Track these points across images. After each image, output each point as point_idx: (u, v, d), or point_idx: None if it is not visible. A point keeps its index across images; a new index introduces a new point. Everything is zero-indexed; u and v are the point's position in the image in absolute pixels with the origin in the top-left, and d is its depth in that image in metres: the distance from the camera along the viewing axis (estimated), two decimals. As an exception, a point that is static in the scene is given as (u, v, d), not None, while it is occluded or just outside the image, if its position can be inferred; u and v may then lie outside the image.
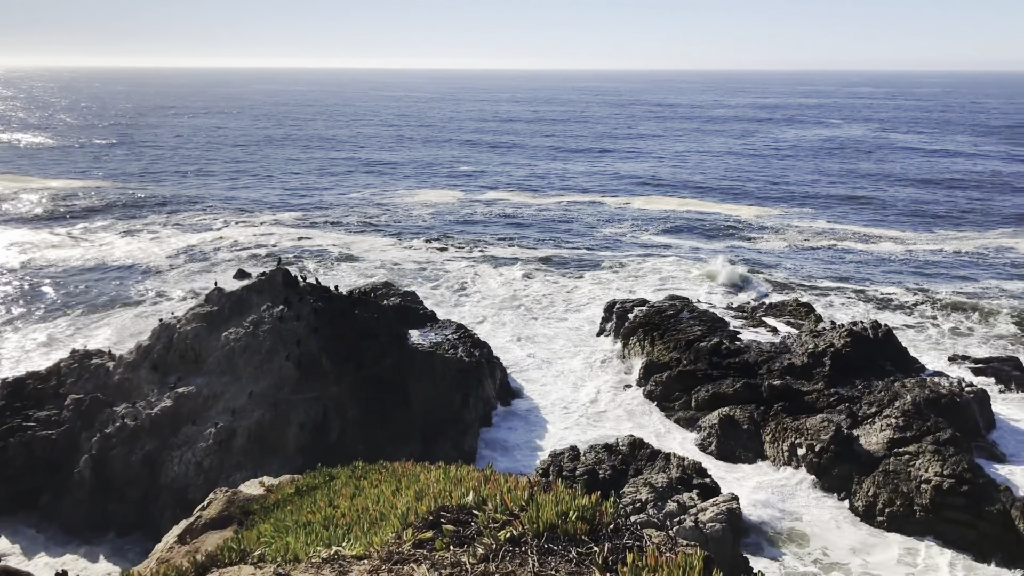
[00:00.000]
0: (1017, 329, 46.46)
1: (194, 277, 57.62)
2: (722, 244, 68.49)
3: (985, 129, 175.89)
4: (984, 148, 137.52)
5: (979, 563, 25.12)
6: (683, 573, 4.07)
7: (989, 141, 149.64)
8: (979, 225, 75.72)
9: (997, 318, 48.32)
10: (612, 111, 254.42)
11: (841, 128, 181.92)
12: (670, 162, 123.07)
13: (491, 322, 48.39)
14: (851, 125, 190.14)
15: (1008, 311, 49.56)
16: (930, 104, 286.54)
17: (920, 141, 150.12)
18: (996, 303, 51.36)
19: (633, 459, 29.15)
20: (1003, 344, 44.51)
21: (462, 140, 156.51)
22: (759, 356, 38.02)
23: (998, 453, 31.90)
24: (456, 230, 74.12)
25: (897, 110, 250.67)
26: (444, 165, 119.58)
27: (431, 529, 5.50)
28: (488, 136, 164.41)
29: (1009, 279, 57.27)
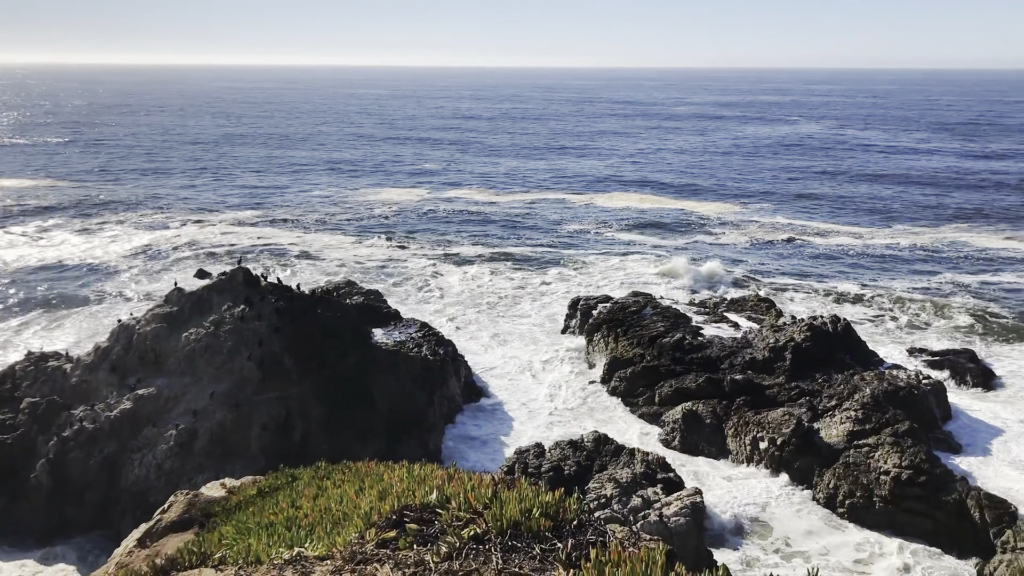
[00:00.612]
0: (972, 322, 47.40)
1: (153, 277, 56.81)
2: (684, 240, 69.03)
3: (940, 126, 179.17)
4: (939, 144, 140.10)
5: (936, 551, 25.59)
6: (646, 568, 4.09)
7: (944, 138, 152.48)
8: (934, 220, 77.13)
9: (952, 311, 49.28)
10: (574, 108, 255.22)
11: (800, 125, 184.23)
12: (632, 159, 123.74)
13: (455, 320, 48.31)
14: (810, 122, 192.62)
15: (963, 304, 50.58)
16: (887, 101, 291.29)
17: (877, 138, 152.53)
18: (951, 296, 52.41)
19: (598, 455, 29.27)
20: (958, 336, 45.37)
21: (424, 138, 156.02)
22: (721, 351, 38.39)
23: (954, 444, 32.54)
24: (419, 228, 73.89)
25: (855, 107, 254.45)
26: (406, 163, 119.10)
27: (394, 528, 5.47)
28: (451, 134, 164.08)
29: (963, 272, 58.41)
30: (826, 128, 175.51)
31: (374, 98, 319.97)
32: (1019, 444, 32.55)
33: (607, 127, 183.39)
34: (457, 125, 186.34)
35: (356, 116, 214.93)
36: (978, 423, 34.44)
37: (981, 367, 39.90)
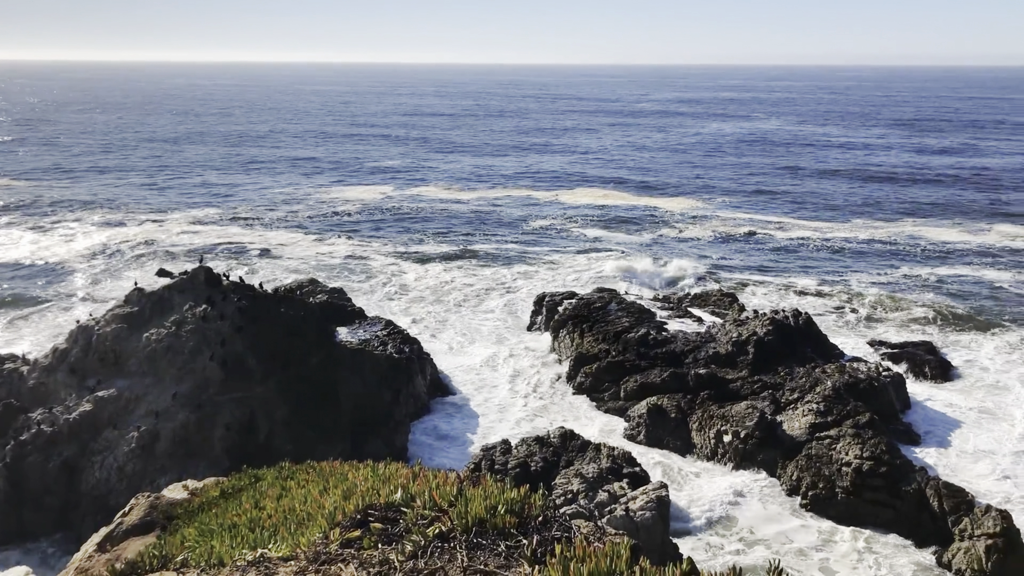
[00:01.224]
0: (929, 314, 48.22)
1: (112, 277, 55.92)
2: (648, 236, 69.43)
3: (897, 122, 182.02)
4: (896, 140, 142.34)
5: (896, 539, 26.02)
6: (610, 562, 4.10)
7: (901, 133, 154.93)
8: (892, 215, 78.37)
9: (910, 304, 50.11)
10: (538, 105, 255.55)
11: (761, 121, 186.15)
12: (597, 156, 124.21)
13: (421, 318, 48.14)
14: (771, 119, 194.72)
15: (920, 297, 51.49)
16: (845, 98, 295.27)
17: (836, 134, 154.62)
18: (909, 289, 53.32)
19: (564, 450, 29.36)
20: (916, 329, 46.14)
21: (387, 135, 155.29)
22: (685, 346, 38.68)
23: (914, 435, 33.12)
24: (384, 225, 73.53)
25: (815, 103, 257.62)
26: (370, 160, 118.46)
27: (359, 528, 5.43)
28: (414, 131, 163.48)
29: (921, 266, 59.43)
30: (786, 124, 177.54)
31: (336, 95, 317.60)
32: (976, 434, 33.22)
33: (571, 124, 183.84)
34: (420, 122, 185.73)
35: (318, 113, 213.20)
36: (937, 413, 35.09)
37: (939, 358, 40.66)
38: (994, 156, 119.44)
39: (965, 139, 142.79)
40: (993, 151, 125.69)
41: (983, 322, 47.00)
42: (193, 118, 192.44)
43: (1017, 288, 53.71)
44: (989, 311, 49.02)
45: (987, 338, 44.22)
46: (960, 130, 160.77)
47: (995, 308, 49.68)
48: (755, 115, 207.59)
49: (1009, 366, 40.26)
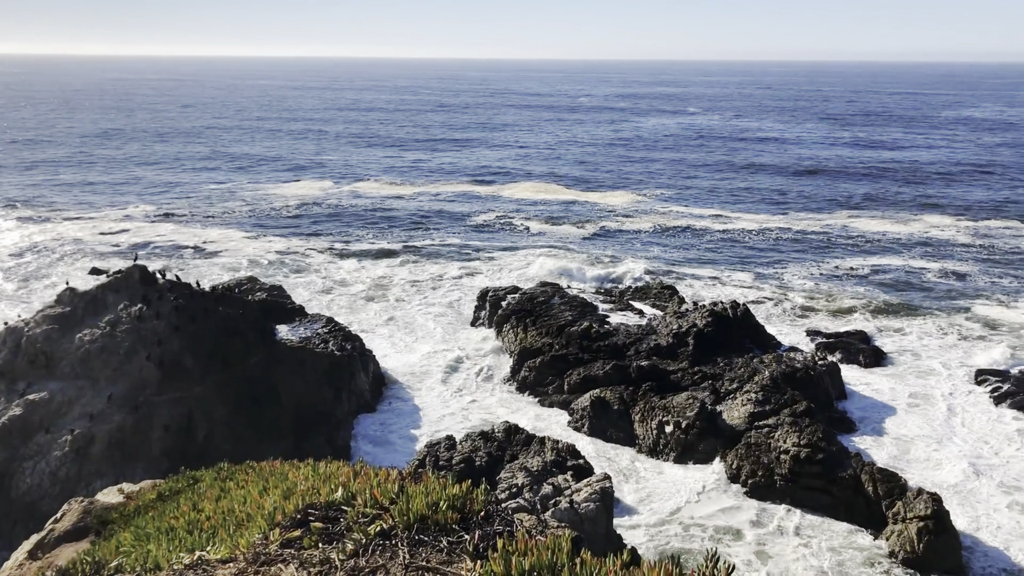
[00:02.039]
0: (863, 303, 49.48)
1: (42, 277, 54.26)
2: (590, 230, 69.86)
3: (830, 117, 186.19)
4: (829, 134, 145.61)
5: (833, 523, 26.66)
6: (552, 555, 4.12)
7: (834, 128, 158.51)
8: (826, 207, 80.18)
9: (844, 294, 51.37)
10: (478, 100, 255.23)
11: (697, 117, 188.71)
12: (537, 151, 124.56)
13: (363, 315, 47.76)
14: (707, 114, 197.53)
15: (854, 287, 52.82)
16: (779, 93, 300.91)
17: (772, 128, 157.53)
18: (843, 280, 54.67)
19: (509, 445, 29.43)
20: (850, 318, 47.28)
21: (326, 130, 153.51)
22: (627, 338, 39.07)
23: (849, 422, 33.98)
24: (324, 222, 72.72)
25: (750, 99, 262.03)
26: (308, 156, 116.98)
27: (299, 528, 5.36)
28: (353, 127, 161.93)
29: (854, 256, 60.94)
30: (722, 119, 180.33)
31: (272, 90, 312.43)
32: (908, 420, 34.21)
33: (511, 119, 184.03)
34: (359, 117, 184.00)
35: (254, 108, 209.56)
36: (870, 401, 36.04)
37: (871, 347, 41.79)
38: (922, 150, 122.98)
39: (896, 133, 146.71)
40: (921, 145, 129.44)
41: (913, 310, 48.40)
42: (125, 113, 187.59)
43: (944, 276, 55.44)
44: (918, 299, 50.52)
45: (917, 325, 45.54)
46: (890, 124, 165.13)
47: (923, 296, 51.22)
48: (691, 110, 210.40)
49: (938, 352, 41.53)
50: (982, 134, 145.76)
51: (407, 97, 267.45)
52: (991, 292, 51.98)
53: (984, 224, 72.24)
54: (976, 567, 24.34)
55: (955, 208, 79.32)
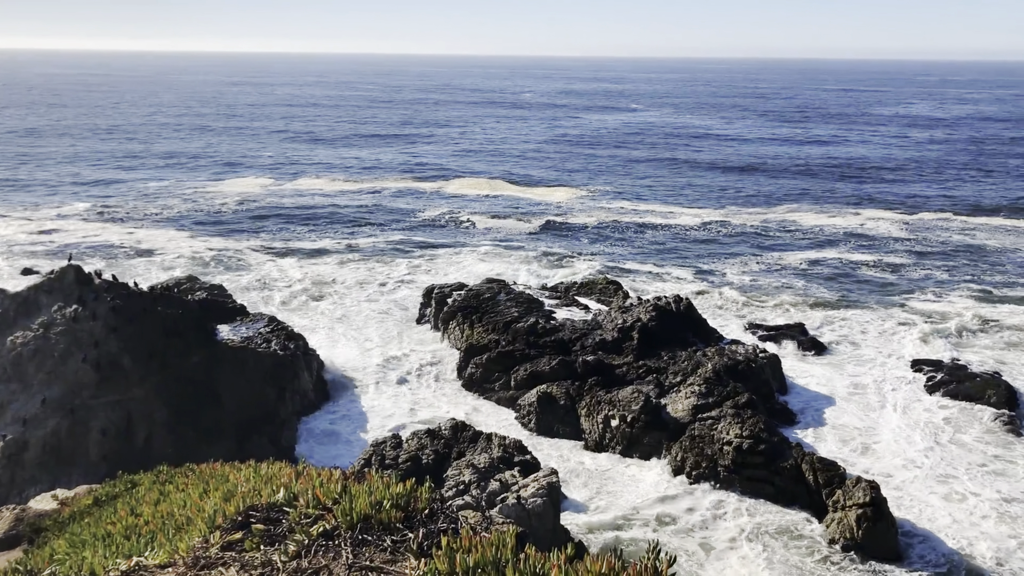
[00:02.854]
0: (801, 296, 50.50)
1: (-29, 278, 52.48)
2: (535, 225, 70.00)
3: (768, 113, 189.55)
4: (767, 131, 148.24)
5: (775, 513, 27.16)
6: (496, 551, 4.12)
7: (773, 124, 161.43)
8: (766, 202, 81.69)
9: (783, 288, 52.37)
10: (420, 96, 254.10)
11: (640, 113, 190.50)
12: (481, 147, 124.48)
13: (306, 313, 47.21)
14: (649, 110, 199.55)
15: (793, 280, 53.88)
16: (718, 90, 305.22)
17: (712, 125, 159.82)
18: (783, 273, 55.72)
19: (456, 442, 29.37)
20: (790, 310, 48.17)
21: (266, 127, 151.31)
22: (573, 334, 39.27)
23: (789, 412, 34.65)
24: (265, 220, 71.64)
25: (691, 95, 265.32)
26: (248, 152, 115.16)
27: (240, 530, 5.26)
28: (295, 123, 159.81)
29: (792, 250, 62.16)
30: (663, 116, 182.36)
31: (210, 85, 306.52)
32: (847, 410, 35.03)
33: (454, 115, 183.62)
34: (301, 113, 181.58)
35: (192, 104, 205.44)
36: (810, 392, 36.81)
37: (810, 339, 42.67)
38: (857, 145, 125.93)
39: (834, 130, 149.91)
40: (856, 141, 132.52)
41: (850, 302, 49.54)
42: (55, 109, 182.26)
43: (879, 269, 56.88)
44: (855, 291, 51.75)
45: (854, 317, 46.61)
46: (827, 121, 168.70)
47: (860, 288, 52.49)
48: (634, 106, 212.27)
49: (875, 342, 42.57)
50: (913, 130, 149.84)
51: (348, 93, 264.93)
52: (925, 284, 53.48)
53: (917, 217, 74.31)
54: (913, 552, 25.03)
55: (889, 202, 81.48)
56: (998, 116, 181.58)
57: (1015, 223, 72.65)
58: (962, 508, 27.39)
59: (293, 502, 5.43)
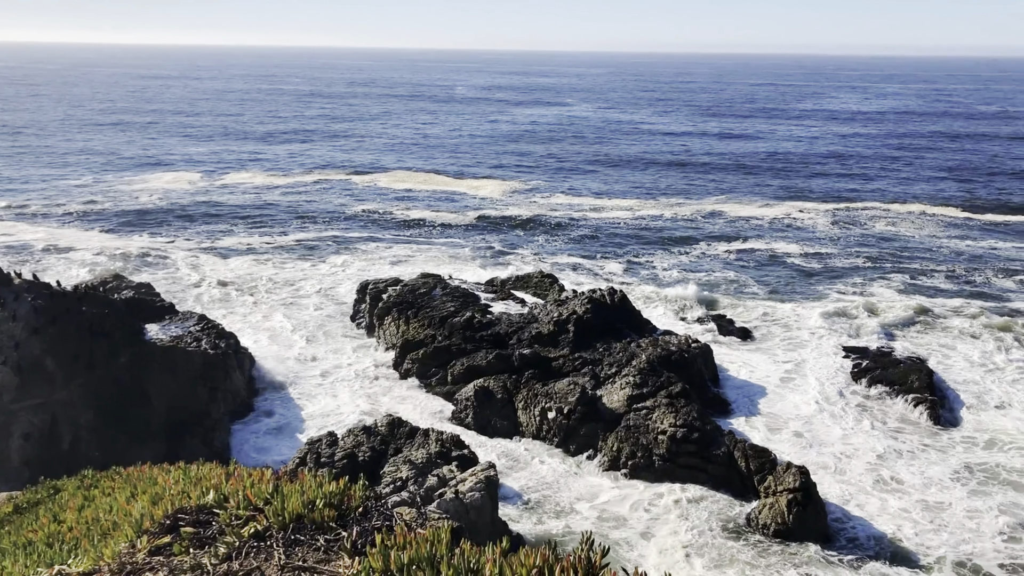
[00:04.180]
0: (733, 287, 51.46)
1: None
2: (470, 218, 69.92)
3: (696, 107, 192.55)
4: (696, 125, 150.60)
5: (709, 500, 27.67)
6: (431, 547, 4.09)
7: (701, 119, 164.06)
8: (695, 195, 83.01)
9: (714, 277, 53.32)
10: (352, 89, 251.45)
11: (573, 107, 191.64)
12: (414, 140, 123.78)
13: (238, 311, 46.36)
14: (582, 104, 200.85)
15: (723, 271, 54.87)
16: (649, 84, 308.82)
17: (643, 120, 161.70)
18: (712, 263, 56.74)
19: (392, 438, 29.19)
20: (721, 302, 49.02)
21: (194, 121, 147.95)
22: (509, 327, 39.35)
23: (722, 400, 35.33)
24: (193, 216, 70.06)
25: (621, 90, 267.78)
26: (176, 147, 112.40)
27: (169, 534, 5.14)
28: (223, 118, 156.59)
29: (721, 241, 63.32)
30: (595, 109, 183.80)
31: (132, 78, 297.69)
32: (777, 398, 35.85)
33: (387, 108, 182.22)
34: (228, 108, 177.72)
35: (115, 98, 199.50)
36: (742, 380, 37.57)
37: (741, 328, 43.60)
38: (787, 139, 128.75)
39: (758, 124, 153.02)
40: (786, 134, 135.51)
41: (779, 291, 50.72)
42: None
43: (807, 258, 58.32)
44: (784, 281, 52.97)
45: (783, 305, 47.70)
46: (752, 116, 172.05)
47: (789, 277, 53.75)
48: (566, 101, 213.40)
49: (803, 331, 43.60)
50: (838, 124, 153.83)
51: (278, 87, 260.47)
52: (851, 273, 55.01)
53: (843, 208, 76.37)
54: (842, 536, 25.74)
55: (816, 194, 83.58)
56: (919, 110, 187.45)
57: (936, 211, 75.28)
58: (888, 493, 28.27)
59: (223, 504, 5.32)
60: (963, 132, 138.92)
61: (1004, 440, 31.98)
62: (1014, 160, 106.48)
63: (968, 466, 30.03)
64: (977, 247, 62.25)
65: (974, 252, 60.70)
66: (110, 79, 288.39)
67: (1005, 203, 78.94)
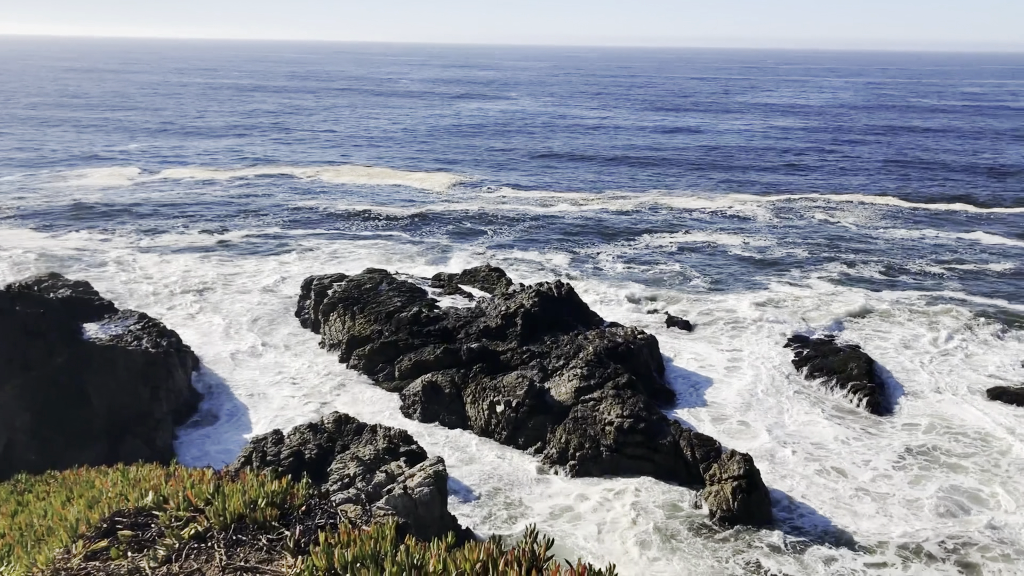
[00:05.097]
0: (677, 279, 52.03)
1: None
2: (415, 212, 69.53)
3: (639, 101, 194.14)
4: (640, 119, 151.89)
5: (657, 489, 27.99)
6: (375, 544, 4.06)
7: (644, 112, 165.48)
8: (639, 188, 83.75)
9: (658, 267, 53.86)
10: (292, 83, 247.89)
11: (520, 101, 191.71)
12: (359, 135, 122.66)
13: (180, 309, 45.47)
14: (526, 98, 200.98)
15: (667, 263, 55.46)
16: (593, 78, 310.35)
17: (587, 114, 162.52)
18: (656, 256, 57.30)
19: (340, 435, 28.93)
20: (667, 294, 49.56)
21: (131, 115, 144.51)
22: (457, 322, 39.28)
23: (668, 391, 35.73)
24: (132, 212, 68.45)
25: (566, 84, 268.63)
26: (113, 142, 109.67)
27: (106, 538, 5.01)
28: (163, 112, 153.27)
29: (663, 233, 63.98)
30: (541, 104, 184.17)
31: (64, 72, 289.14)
32: (722, 388, 36.38)
33: (330, 102, 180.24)
34: (166, 103, 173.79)
35: (47, 92, 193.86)
36: (687, 371, 38.04)
37: (683, 319, 44.12)
38: (728, 132, 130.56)
39: (700, 118, 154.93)
40: (727, 127, 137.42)
41: (721, 282, 51.43)
42: None
43: (746, 250, 59.24)
44: (726, 271, 53.74)
45: (725, 297, 48.40)
46: (695, 110, 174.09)
47: (731, 268, 54.55)
48: (512, 95, 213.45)
49: (747, 321, 44.29)
50: (777, 117, 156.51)
51: (216, 80, 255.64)
52: (791, 264, 56.01)
53: (784, 200, 77.74)
54: (786, 523, 26.23)
55: (756, 186, 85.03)
56: (854, 103, 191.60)
57: (873, 200, 77.21)
58: (831, 479, 28.89)
59: (163, 505, 5.20)
60: (897, 125, 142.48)
61: (941, 425, 32.92)
62: (946, 152, 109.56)
63: (909, 450, 30.85)
64: (911, 236, 63.92)
65: (909, 241, 62.32)
66: (41, 72, 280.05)
67: (938, 193, 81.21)
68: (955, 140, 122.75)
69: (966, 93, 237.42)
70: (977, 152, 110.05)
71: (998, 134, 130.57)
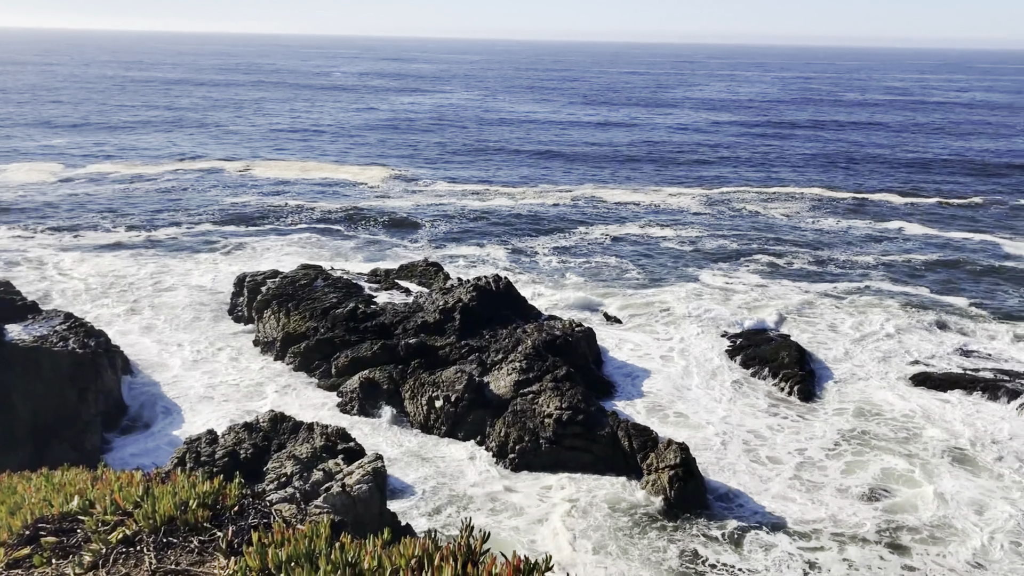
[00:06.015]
0: (614, 272, 52.54)
1: None
2: (351, 207, 68.79)
3: (574, 95, 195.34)
4: (575, 113, 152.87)
5: (596, 480, 28.25)
6: (310, 543, 4.00)
7: (579, 107, 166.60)
8: (574, 180, 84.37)
9: (595, 260, 54.34)
10: (220, 77, 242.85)
11: (452, 95, 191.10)
12: (291, 128, 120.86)
13: (108, 309, 44.22)
14: (461, 92, 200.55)
15: (602, 257, 55.98)
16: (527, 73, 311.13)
17: (523, 108, 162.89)
18: (591, 249, 57.78)
19: (276, 434, 28.52)
20: (603, 287, 50.02)
21: (53, 109, 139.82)
22: (395, 317, 39.02)
23: (605, 382, 36.07)
24: (55, 209, 66.28)
25: (500, 79, 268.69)
26: (34, 136, 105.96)
27: (28, 545, 4.84)
28: (85, 105, 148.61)
29: (599, 226, 64.55)
30: (476, 97, 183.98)
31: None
32: (658, 379, 36.87)
33: (260, 95, 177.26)
34: (90, 96, 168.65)
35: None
36: (624, 363, 38.46)
37: (619, 311, 44.64)
38: (660, 127, 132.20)
39: (634, 112, 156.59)
40: (659, 121, 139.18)
41: (655, 274, 52.10)
42: None
43: (680, 242, 60.15)
44: (659, 264, 54.48)
45: (660, 288, 49.05)
46: (628, 104, 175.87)
47: (664, 260, 55.33)
48: (447, 88, 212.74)
49: (681, 312, 44.95)
50: (708, 111, 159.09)
51: (142, 73, 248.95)
52: (723, 255, 57.04)
53: (717, 192, 79.09)
54: (723, 511, 26.72)
55: (689, 179, 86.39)
56: (782, 98, 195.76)
57: (802, 191, 79.13)
58: (766, 467, 29.52)
59: (89, 510, 5.05)
60: (825, 119, 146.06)
61: (869, 411, 33.89)
62: (871, 146, 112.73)
63: (841, 436, 31.68)
64: (839, 227, 65.66)
65: (837, 232, 64.01)
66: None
67: (862, 185, 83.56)
68: (879, 133, 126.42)
69: (890, 88, 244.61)
70: (899, 145, 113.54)
71: (919, 127, 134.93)
